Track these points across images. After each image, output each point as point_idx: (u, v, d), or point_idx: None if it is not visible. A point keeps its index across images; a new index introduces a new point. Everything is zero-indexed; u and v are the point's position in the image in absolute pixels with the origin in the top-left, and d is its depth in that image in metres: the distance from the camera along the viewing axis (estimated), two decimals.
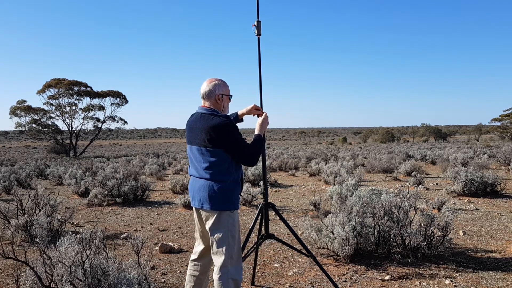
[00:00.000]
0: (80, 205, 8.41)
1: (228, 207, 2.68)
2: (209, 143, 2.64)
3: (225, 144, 2.64)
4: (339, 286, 3.61)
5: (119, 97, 44.53)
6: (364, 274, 3.90)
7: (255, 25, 3.39)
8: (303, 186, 10.83)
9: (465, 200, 7.76)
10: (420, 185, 9.83)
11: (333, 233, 4.25)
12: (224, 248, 2.67)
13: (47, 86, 41.92)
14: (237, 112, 3.21)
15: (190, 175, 2.86)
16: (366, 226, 4.33)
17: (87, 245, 2.97)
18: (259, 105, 3.24)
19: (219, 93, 2.76)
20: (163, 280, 3.89)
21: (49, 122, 42.83)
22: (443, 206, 5.97)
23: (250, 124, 3.35)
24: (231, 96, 2.87)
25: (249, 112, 3.16)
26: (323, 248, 4.37)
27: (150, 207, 8.02)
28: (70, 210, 5.92)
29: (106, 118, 44.98)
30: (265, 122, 3.01)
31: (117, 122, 45.79)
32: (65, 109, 42.71)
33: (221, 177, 2.67)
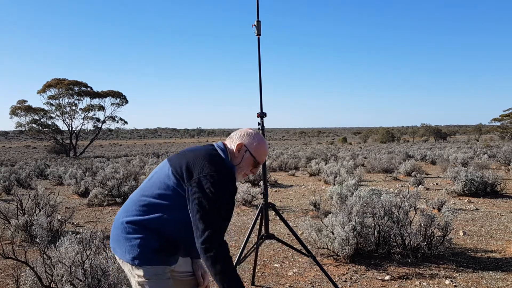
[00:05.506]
0: (80, 205, 8.41)
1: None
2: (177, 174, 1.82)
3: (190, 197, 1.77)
4: (339, 286, 3.61)
5: (119, 97, 44.52)
6: (364, 274, 3.90)
7: (255, 25, 3.40)
8: (303, 186, 10.82)
9: (465, 200, 7.76)
10: (420, 185, 9.83)
11: (333, 233, 4.25)
12: None
13: (48, 86, 41.92)
14: None
15: None
16: (366, 226, 4.33)
17: (87, 245, 2.97)
18: (259, 106, 3.23)
19: (245, 144, 1.97)
20: None
21: (49, 122, 42.80)
22: (443, 206, 5.98)
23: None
24: (257, 163, 1.98)
25: None
26: (323, 248, 4.37)
27: None
28: (70, 210, 5.92)
29: (106, 118, 44.95)
30: None
31: (117, 122, 45.77)
32: (65, 109, 42.69)
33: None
